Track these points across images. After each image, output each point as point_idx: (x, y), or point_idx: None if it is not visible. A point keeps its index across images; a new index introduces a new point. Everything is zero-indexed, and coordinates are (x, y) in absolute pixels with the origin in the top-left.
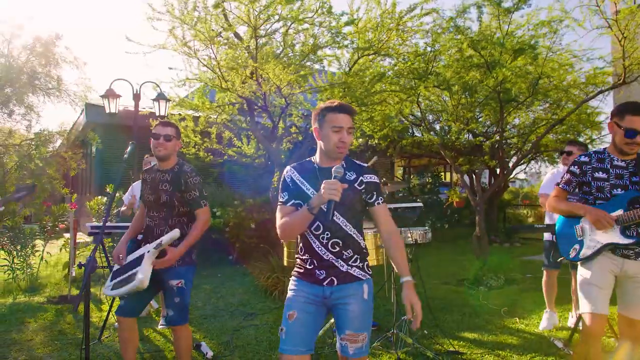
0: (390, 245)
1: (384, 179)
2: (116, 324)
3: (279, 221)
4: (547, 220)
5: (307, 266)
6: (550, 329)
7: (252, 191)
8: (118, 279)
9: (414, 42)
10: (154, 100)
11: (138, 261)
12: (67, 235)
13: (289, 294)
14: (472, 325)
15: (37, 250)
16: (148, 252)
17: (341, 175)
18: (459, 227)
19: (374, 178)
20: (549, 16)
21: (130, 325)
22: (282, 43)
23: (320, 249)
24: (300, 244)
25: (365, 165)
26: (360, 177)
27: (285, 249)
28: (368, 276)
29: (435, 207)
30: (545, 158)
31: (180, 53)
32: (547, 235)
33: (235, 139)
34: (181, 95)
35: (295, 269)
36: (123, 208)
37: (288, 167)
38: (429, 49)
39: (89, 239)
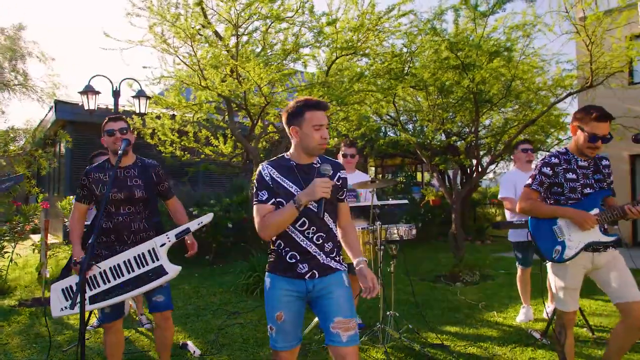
0: (349, 232)
1: (372, 176)
2: (95, 323)
3: (260, 220)
4: (508, 219)
5: (288, 260)
6: (527, 321)
7: (229, 190)
8: (96, 290)
9: (391, 42)
10: (134, 97)
11: (130, 264)
12: (33, 236)
13: (270, 292)
14: (453, 320)
15: (6, 252)
16: (163, 245)
17: (329, 173)
18: (432, 226)
19: (346, 175)
20: (522, 20)
21: (118, 327)
22: (262, 42)
23: (305, 242)
24: (279, 241)
25: (339, 162)
26: (338, 173)
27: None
28: (344, 267)
29: (408, 206)
30: (512, 158)
31: (159, 50)
32: (512, 237)
33: (212, 137)
34: (155, 92)
35: (272, 264)
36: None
37: (264, 165)
38: (405, 49)
39: (57, 240)
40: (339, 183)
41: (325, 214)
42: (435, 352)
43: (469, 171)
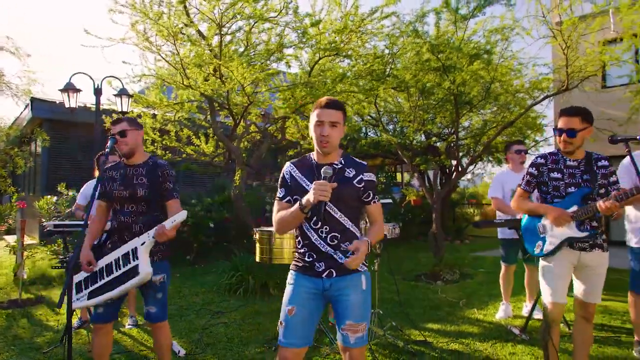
0: (375, 226)
1: None
2: (75, 324)
3: (274, 216)
4: (498, 217)
5: (307, 259)
6: (506, 318)
7: (210, 190)
8: (94, 286)
9: (373, 44)
10: (116, 95)
11: (119, 262)
12: (7, 237)
13: (288, 287)
14: (435, 317)
15: None
16: (143, 244)
17: (329, 176)
18: (412, 226)
19: (372, 177)
20: (501, 24)
21: (108, 330)
22: (245, 41)
23: (318, 241)
24: (299, 238)
25: (365, 163)
26: (361, 176)
27: (257, 245)
28: (365, 268)
29: (391, 205)
30: (491, 159)
31: (142, 48)
32: (500, 234)
33: (194, 137)
34: (136, 91)
35: (294, 262)
36: (80, 212)
37: (288, 164)
38: (386, 51)
39: (34, 240)
40: (360, 185)
41: (340, 214)
42: (418, 348)
43: (448, 171)
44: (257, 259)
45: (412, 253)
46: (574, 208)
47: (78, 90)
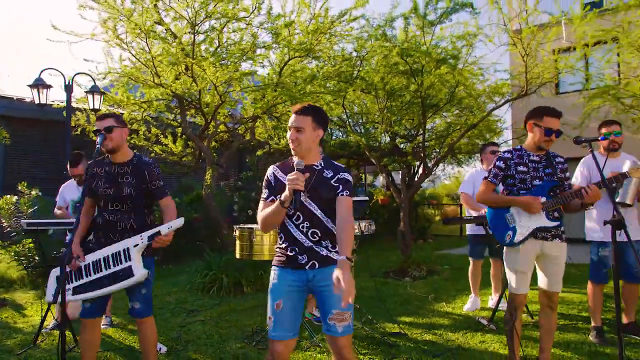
0: (343, 228)
1: None
2: (50, 325)
3: (259, 214)
4: (467, 213)
5: (289, 253)
6: (474, 310)
7: (177, 190)
8: (80, 282)
9: (341, 46)
10: (87, 92)
11: (108, 261)
12: None
13: (273, 282)
14: (406, 311)
15: None
16: (136, 245)
17: (302, 167)
18: (377, 225)
19: (346, 175)
20: (465, 31)
21: (95, 325)
22: (217, 41)
23: (300, 237)
24: (281, 234)
25: (343, 166)
26: (337, 175)
27: (237, 242)
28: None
29: (364, 203)
30: (453, 161)
31: (114, 45)
32: (468, 230)
33: (162, 136)
34: (101, 88)
35: (276, 258)
36: (58, 212)
37: (272, 166)
38: (354, 54)
39: None
40: (337, 184)
41: (321, 212)
42: (395, 340)
43: (412, 172)
44: (237, 256)
45: (378, 251)
46: (542, 199)
47: (48, 87)
